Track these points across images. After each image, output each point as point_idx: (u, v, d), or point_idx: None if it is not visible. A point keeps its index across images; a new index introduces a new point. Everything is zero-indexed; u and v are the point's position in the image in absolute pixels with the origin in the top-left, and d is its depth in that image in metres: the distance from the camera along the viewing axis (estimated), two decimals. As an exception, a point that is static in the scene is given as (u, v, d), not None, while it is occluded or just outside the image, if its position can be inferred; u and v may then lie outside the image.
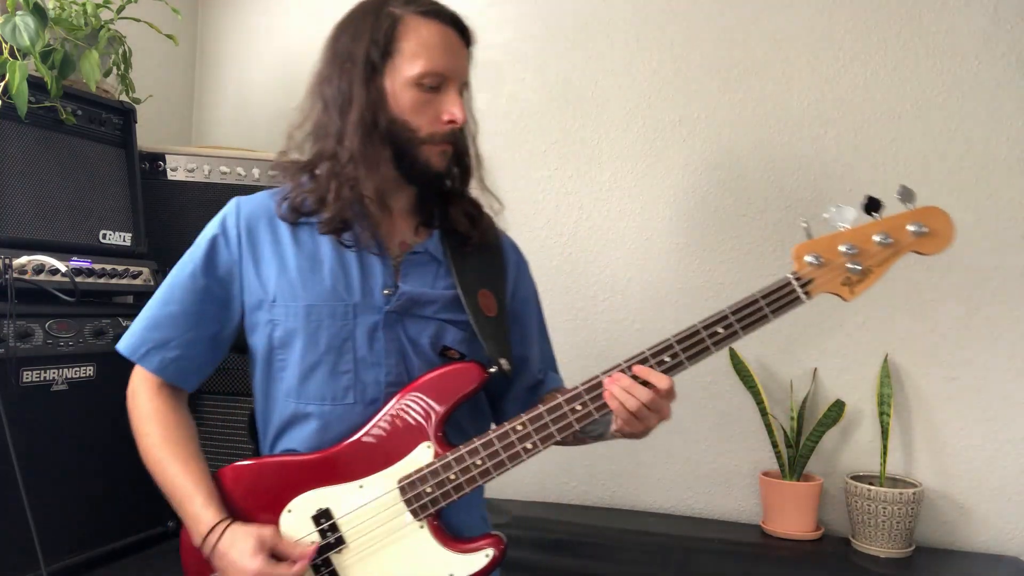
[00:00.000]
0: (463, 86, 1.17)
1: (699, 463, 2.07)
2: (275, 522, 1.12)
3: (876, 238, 1.07)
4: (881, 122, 1.93)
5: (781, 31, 2.01)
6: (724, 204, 2.05)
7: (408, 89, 1.12)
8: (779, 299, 1.09)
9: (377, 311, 1.15)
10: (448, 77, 1.13)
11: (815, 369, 1.97)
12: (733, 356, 1.97)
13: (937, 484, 1.87)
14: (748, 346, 1.99)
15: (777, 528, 1.88)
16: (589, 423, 1.13)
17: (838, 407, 1.89)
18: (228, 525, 1.10)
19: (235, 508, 1.14)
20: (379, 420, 1.13)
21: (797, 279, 1.09)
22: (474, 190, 1.26)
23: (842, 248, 1.08)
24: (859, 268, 1.08)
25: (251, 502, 1.14)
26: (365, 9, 1.16)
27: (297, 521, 1.13)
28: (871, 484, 1.79)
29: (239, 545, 1.07)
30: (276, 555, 1.08)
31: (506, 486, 2.20)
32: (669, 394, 1.07)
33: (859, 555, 1.77)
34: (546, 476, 2.19)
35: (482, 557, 1.10)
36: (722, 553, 1.80)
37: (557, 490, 2.19)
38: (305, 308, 1.14)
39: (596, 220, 2.16)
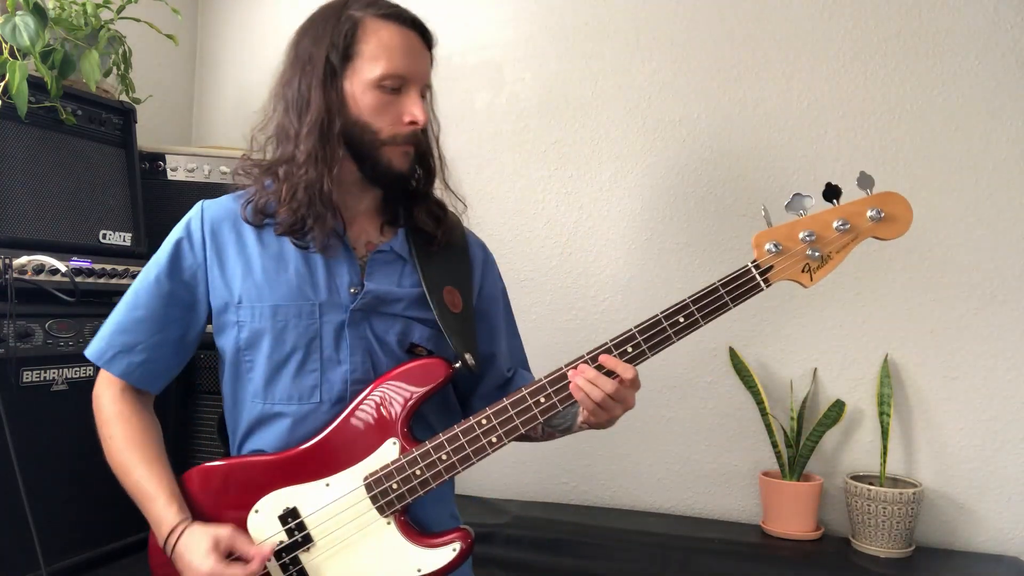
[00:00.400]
0: (425, 88, 1.18)
1: (699, 463, 2.07)
2: (243, 522, 1.13)
3: (835, 224, 1.08)
4: (881, 122, 1.93)
5: (781, 31, 2.01)
6: (724, 204, 2.05)
7: (369, 91, 1.13)
8: (739, 287, 1.10)
9: (343, 310, 1.16)
10: (409, 79, 1.14)
11: (815, 369, 1.97)
12: (733, 356, 1.97)
13: (937, 484, 1.87)
14: (748, 346, 1.99)
15: (777, 528, 1.88)
16: (554, 416, 1.14)
17: (838, 407, 1.89)
18: (187, 526, 1.10)
19: (202, 509, 1.14)
20: (345, 418, 1.14)
21: (756, 267, 1.10)
22: (438, 190, 1.27)
23: (801, 235, 1.09)
24: (818, 254, 1.09)
25: (219, 503, 1.15)
26: (326, 12, 1.17)
27: (264, 521, 1.13)
28: (871, 484, 1.79)
29: (195, 545, 1.07)
30: (234, 555, 1.08)
31: (506, 486, 2.21)
32: (634, 383, 1.09)
33: (859, 555, 1.77)
34: (546, 476, 2.18)
35: (449, 551, 1.10)
36: (722, 553, 1.80)
37: (557, 490, 2.19)
38: (271, 308, 1.15)
39: (596, 220, 2.16)
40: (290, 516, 1.13)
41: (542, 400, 1.10)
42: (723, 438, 2.05)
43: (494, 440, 1.10)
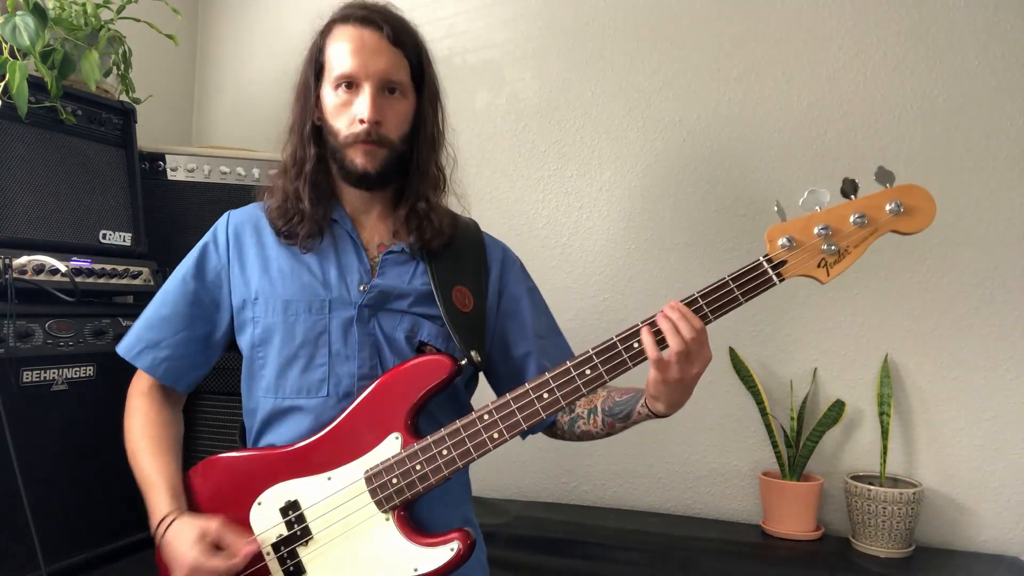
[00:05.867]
0: (387, 84, 1.18)
1: (699, 463, 2.07)
2: (247, 514, 1.14)
3: (852, 218, 1.05)
4: (881, 122, 1.93)
5: (781, 31, 2.01)
6: (724, 204, 2.05)
7: (330, 95, 1.19)
8: (750, 281, 1.06)
9: (352, 306, 1.18)
10: (359, 77, 1.16)
11: (815, 369, 1.97)
12: (733, 356, 1.97)
13: (937, 484, 1.87)
14: (748, 346, 1.99)
15: (777, 528, 1.88)
16: (616, 405, 1.14)
17: (838, 407, 1.89)
18: (177, 516, 1.13)
19: (208, 500, 1.17)
20: (350, 412, 1.14)
21: (769, 261, 1.06)
22: (446, 195, 1.30)
23: (817, 229, 1.05)
24: (835, 249, 1.05)
25: (224, 494, 1.17)
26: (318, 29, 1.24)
27: (266, 513, 1.14)
28: (871, 484, 1.79)
29: (182, 536, 1.09)
30: (221, 547, 1.10)
31: (506, 486, 2.21)
32: (703, 336, 1.05)
33: (859, 555, 1.77)
34: (546, 476, 2.19)
35: (447, 551, 1.09)
36: (722, 553, 1.80)
37: (557, 490, 2.19)
38: (283, 303, 1.19)
39: (596, 220, 2.16)
40: (291, 509, 1.13)
41: (545, 396, 1.08)
42: (723, 438, 2.05)
43: (496, 436, 1.09)
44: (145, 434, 1.22)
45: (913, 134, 1.90)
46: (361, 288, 1.19)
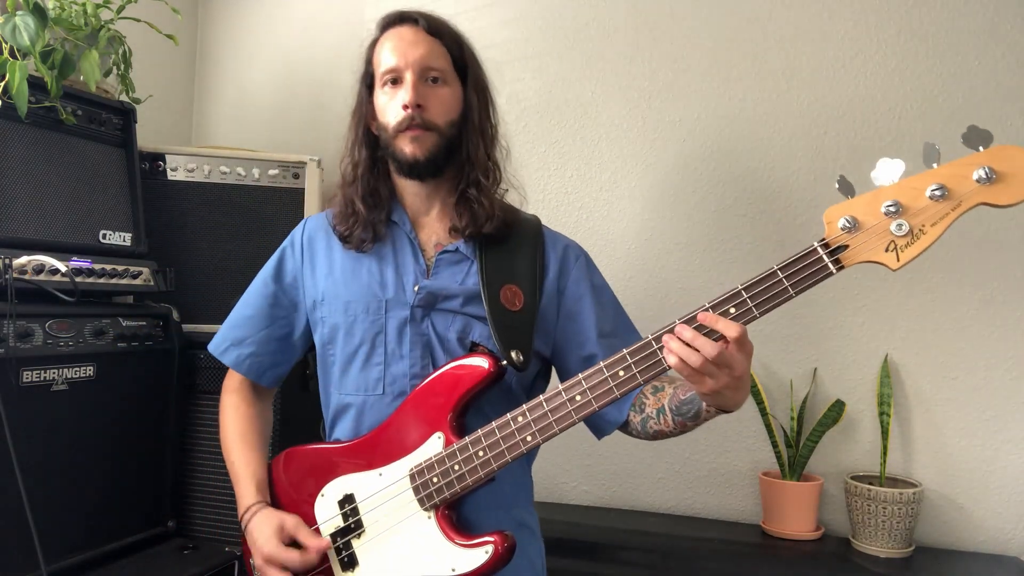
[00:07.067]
0: (426, 71, 1.22)
1: (699, 463, 2.07)
2: (312, 504, 1.22)
3: (929, 191, 0.87)
4: (881, 122, 1.93)
5: (781, 31, 2.01)
6: (724, 204, 2.05)
7: (380, 95, 1.25)
8: (801, 271, 0.93)
9: (406, 307, 1.22)
10: (400, 69, 1.21)
11: (815, 369, 1.97)
12: (733, 356, 1.97)
13: (937, 484, 1.87)
14: (748, 346, 1.99)
15: (777, 528, 1.88)
16: (682, 404, 1.11)
17: (838, 407, 1.89)
18: (260, 508, 1.22)
19: (283, 490, 1.26)
20: (400, 411, 1.18)
21: (825, 246, 0.92)
22: (503, 188, 1.33)
23: (885, 207, 0.89)
24: (906, 229, 0.88)
25: (297, 484, 1.25)
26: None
27: (327, 504, 1.20)
28: (871, 484, 1.79)
29: (263, 527, 1.19)
30: (295, 543, 1.18)
31: (506, 486, 2.21)
32: (741, 344, 0.97)
33: (859, 555, 1.77)
34: (546, 476, 2.18)
35: (481, 553, 1.09)
36: (722, 553, 1.80)
37: (557, 490, 2.19)
38: (344, 304, 1.25)
39: (596, 220, 2.16)
40: (347, 501, 1.19)
41: (577, 398, 1.06)
42: (723, 438, 2.05)
43: (528, 438, 1.08)
44: (235, 429, 1.32)
45: (913, 134, 1.90)
46: (415, 289, 1.22)
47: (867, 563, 1.72)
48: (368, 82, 1.28)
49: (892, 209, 0.89)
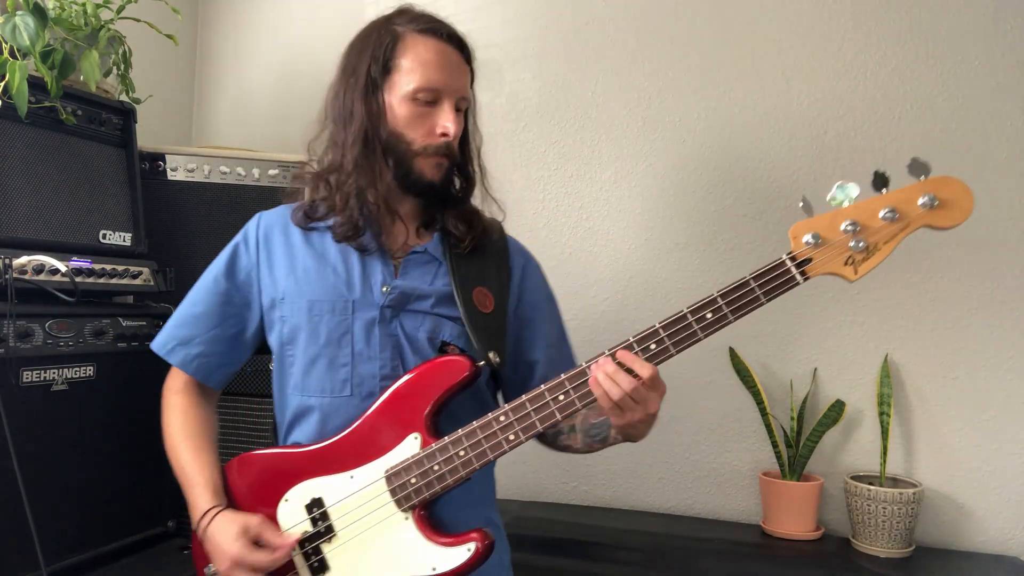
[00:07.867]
0: (461, 100, 1.22)
1: (699, 463, 2.07)
2: (274, 510, 1.17)
3: (882, 213, 1.00)
4: (881, 122, 1.93)
5: (781, 31, 2.01)
6: (724, 204, 2.05)
7: (404, 103, 1.18)
8: (772, 280, 1.03)
9: (374, 307, 1.20)
10: (442, 92, 1.19)
11: (815, 369, 1.97)
12: (733, 356, 1.97)
13: (937, 484, 1.87)
14: (748, 346, 1.99)
15: (777, 528, 1.88)
16: (592, 426, 1.14)
17: (838, 407, 1.89)
18: (219, 511, 1.16)
19: (239, 497, 1.21)
20: (372, 412, 1.16)
21: (792, 259, 1.03)
22: (476, 199, 1.31)
23: (844, 225, 1.01)
24: (863, 245, 1.00)
25: (254, 491, 1.20)
26: (372, 27, 1.24)
27: (292, 510, 1.17)
28: (871, 484, 1.79)
29: (224, 530, 1.13)
30: (260, 543, 1.13)
31: (506, 486, 2.20)
32: (654, 384, 1.04)
33: (859, 555, 1.77)
34: (546, 476, 2.19)
35: (463, 551, 1.09)
36: (722, 553, 1.80)
37: (557, 490, 2.19)
38: (308, 303, 1.21)
39: (596, 220, 2.16)
40: (315, 506, 1.16)
41: (560, 398, 1.08)
42: (723, 438, 2.05)
43: (512, 437, 1.10)
44: (184, 431, 1.25)
45: (913, 134, 1.90)
46: (384, 289, 1.20)
47: (867, 563, 1.72)
48: (383, 71, 1.19)
49: (851, 228, 1.01)
